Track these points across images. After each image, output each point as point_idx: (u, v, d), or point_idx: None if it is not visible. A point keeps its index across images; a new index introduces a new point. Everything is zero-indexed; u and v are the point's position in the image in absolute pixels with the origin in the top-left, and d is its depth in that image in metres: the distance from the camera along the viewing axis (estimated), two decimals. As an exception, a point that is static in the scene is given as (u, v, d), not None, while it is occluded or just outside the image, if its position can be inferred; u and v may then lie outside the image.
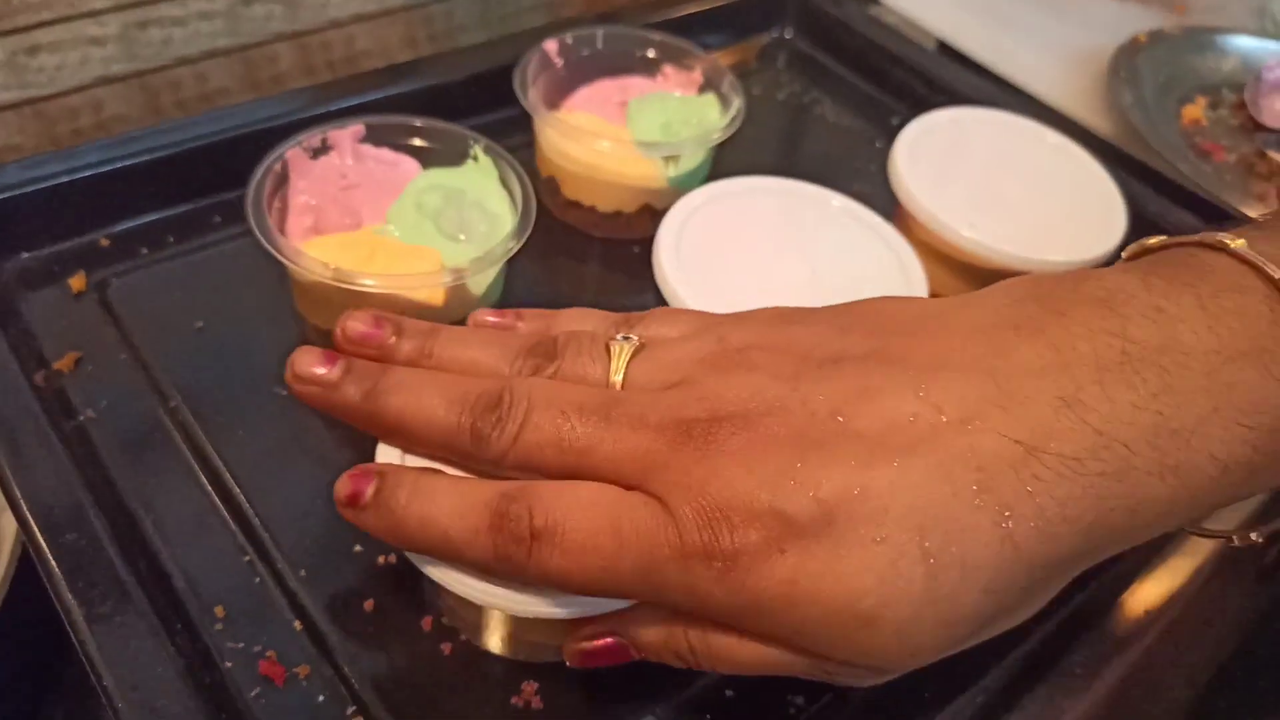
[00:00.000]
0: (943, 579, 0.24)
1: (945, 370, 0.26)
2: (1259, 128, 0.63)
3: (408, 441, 0.30)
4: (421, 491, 0.27)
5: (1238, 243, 0.27)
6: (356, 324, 0.31)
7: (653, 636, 0.27)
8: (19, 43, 0.65)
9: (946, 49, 0.67)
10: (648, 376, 0.28)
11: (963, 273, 0.45)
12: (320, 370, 0.29)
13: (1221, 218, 0.53)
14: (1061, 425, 0.24)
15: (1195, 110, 0.64)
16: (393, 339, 0.31)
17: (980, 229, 0.42)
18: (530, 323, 0.33)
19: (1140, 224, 0.52)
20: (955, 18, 0.68)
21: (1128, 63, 0.63)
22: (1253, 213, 0.53)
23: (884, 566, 0.24)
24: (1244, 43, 0.68)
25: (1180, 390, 0.25)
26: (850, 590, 0.24)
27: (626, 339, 0.29)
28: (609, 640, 0.28)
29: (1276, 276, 0.26)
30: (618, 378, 0.28)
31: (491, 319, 0.33)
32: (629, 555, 0.25)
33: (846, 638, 0.24)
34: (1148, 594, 0.43)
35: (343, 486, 0.28)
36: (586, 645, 0.29)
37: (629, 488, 0.26)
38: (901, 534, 0.24)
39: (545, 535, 0.25)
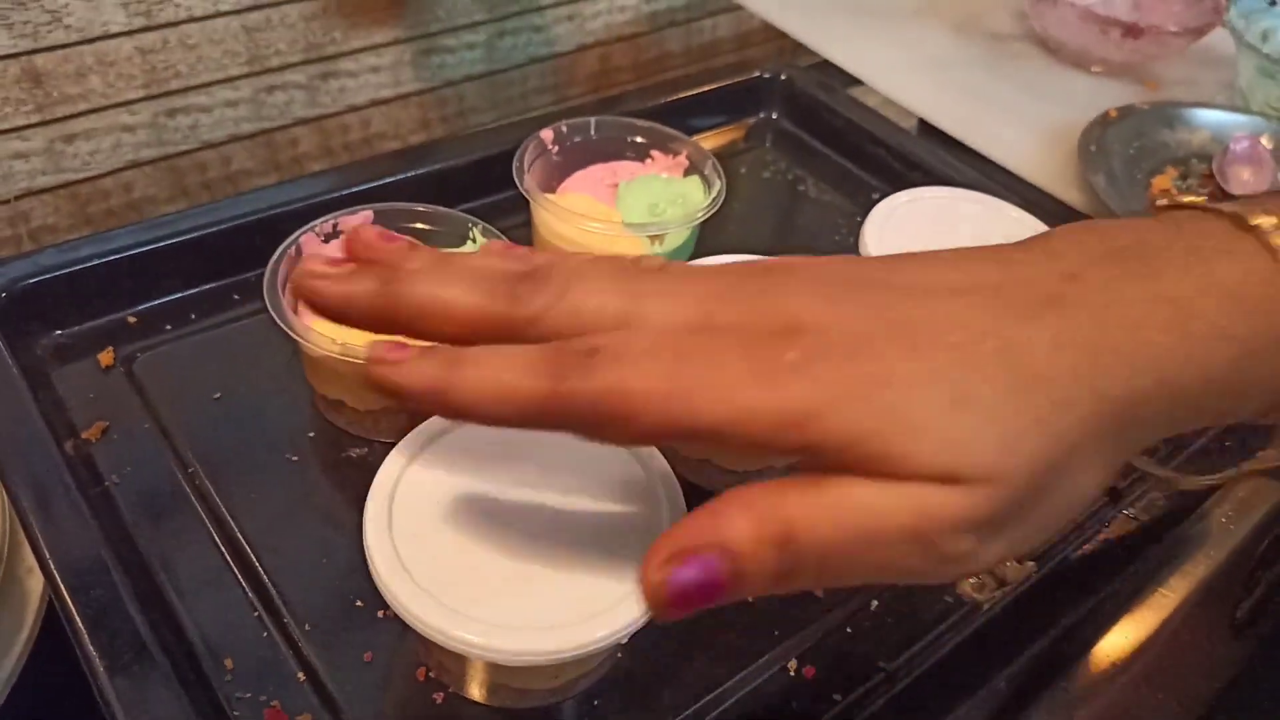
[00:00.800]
0: (996, 362, 0.25)
1: (964, 260, 0.28)
2: (1226, 196, 0.66)
3: (428, 332, 0.27)
4: (482, 352, 0.25)
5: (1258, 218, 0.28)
6: (369, 230, 0.29)
7: (744, 525, 0.24)
8: (57, 131, 0.70)
9: (927, 127, 0.71)
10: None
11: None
12: (333, 270, 0.28)
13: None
14: (1065, 291, 0.26)
15: (1165, 181, 0.66)
16: (408, 249, 0.28)
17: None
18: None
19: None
20: (935, 97, 0.72)
21: (1098, 137, 0.66)
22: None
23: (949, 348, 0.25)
24: (1214, 116, 0.71)
25: (1166, 271, 0.27)
26: (908, 373, 0.24)
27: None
28: (699, 562, 0.24)
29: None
30: None
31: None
32: (696, 364, 0.24)
33: (909, 407, 0.24)
34: (1113, 647, 0.45)
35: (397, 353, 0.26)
36: (671, 578, 0.24)
37: None
38: (964, 337, 0.25)
39: (608, 350, 0.24)
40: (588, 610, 0.32)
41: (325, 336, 0.40)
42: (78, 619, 0.34)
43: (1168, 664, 0.49)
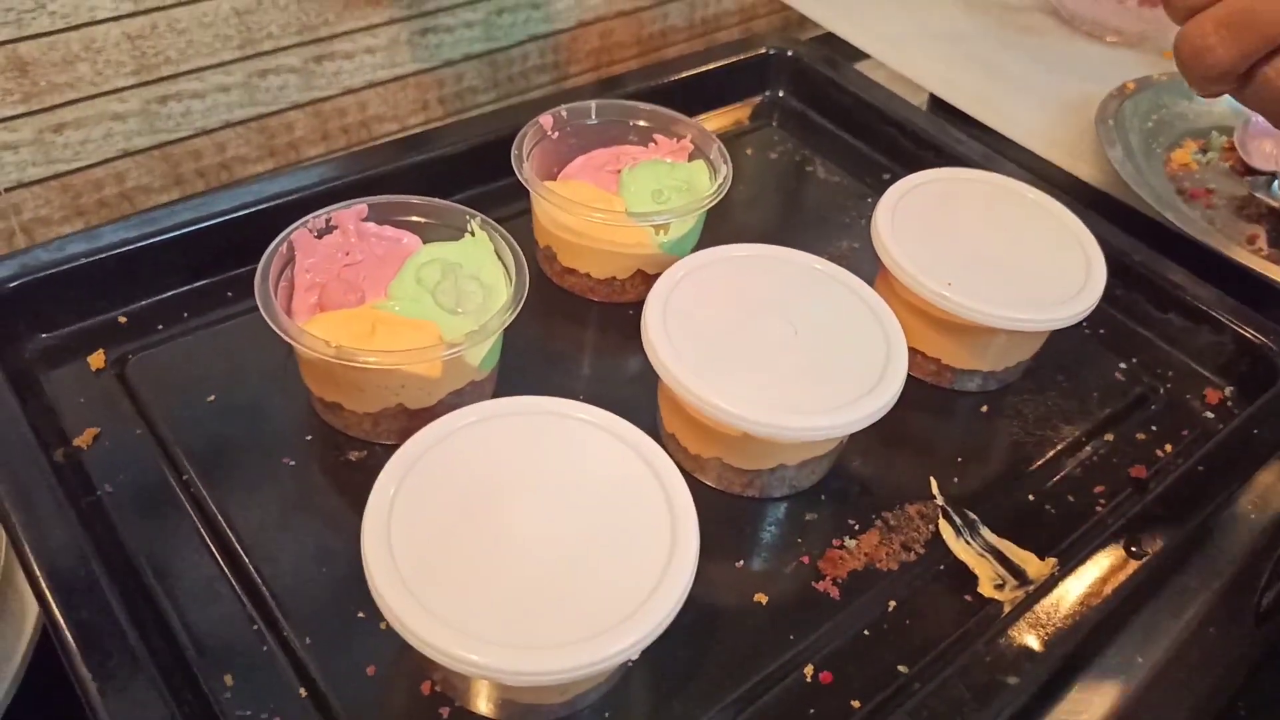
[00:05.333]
0: None
1: None
2: (1249, 170, 0.64)
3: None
4: None
5: None
6: None
7: None
8: (45, 121, 0.68)
9: (938, 102, 0.69)
10: None
11: (943, 329, 0.46)
12: None
13: (1208, 263, 0.53)
14: None
15: (1184, 155, 0.64)
16: None
17: (958, 288, 0.44)
18: None
19: (1124, 274, 0.53)
20: (945, 71, 0.70)
21: (1114, 110, 0.64)
22: (1242, 256, 0.54)
23: None
24: (1233, 86, 0.69)
25: None
26: None
27: None
28: None
29: None
30: None
31: None
32: None
33: None
34: (1134, 638, 0.44)
35: None
36: None
37: None
38: None
39: None
40: (595, 626, 0.31)
41: (319, 339, 0.39)
42: (70, 640, 0.33)
43: (1190, 654, 0.48)
